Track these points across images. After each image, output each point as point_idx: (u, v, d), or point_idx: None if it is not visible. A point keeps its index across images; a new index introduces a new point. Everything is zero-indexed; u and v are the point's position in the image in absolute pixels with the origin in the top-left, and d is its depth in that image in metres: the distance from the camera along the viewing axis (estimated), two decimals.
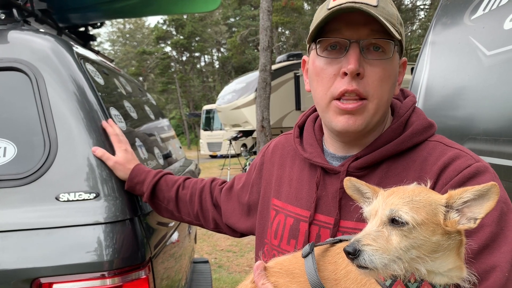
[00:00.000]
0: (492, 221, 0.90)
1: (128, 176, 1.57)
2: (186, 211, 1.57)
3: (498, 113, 2.32)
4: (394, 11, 1.03)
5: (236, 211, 1.45)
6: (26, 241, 1.40)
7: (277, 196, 1.25)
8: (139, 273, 1.48)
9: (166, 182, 1.58)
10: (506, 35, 2.31)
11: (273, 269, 0.96)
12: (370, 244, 0.75)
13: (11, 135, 1.52)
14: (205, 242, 6.82)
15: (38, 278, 1.37)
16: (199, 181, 1.58)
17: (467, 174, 0.95)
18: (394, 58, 1.04)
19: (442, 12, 3.19)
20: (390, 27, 0.96)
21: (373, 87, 1.01)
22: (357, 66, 0.98)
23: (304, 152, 1.20)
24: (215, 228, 1.54)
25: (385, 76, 1.01)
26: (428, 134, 1.07)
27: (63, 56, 1.66)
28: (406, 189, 0.81)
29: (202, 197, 1.53)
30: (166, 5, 2.61)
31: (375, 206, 0.81)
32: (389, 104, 1.09)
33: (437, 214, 0.77)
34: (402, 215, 0.75)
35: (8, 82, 1.57)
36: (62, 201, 1.44)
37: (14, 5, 1.84)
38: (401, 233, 0.75)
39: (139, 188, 1.57)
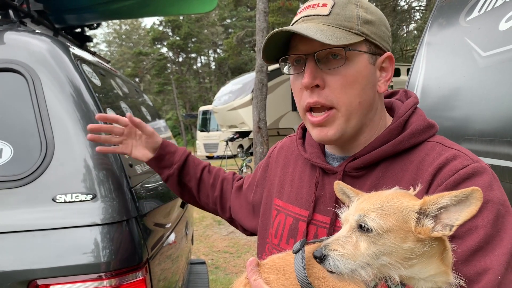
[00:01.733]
0: (487, 222, 0.88)
1: (160, 144, 1.53)
2: (205, 193, 1.56)
3: (493, 113, 2.34)
4: (353, 12, 1.01)
5: (243, 209, 1.47)
6: (23, 242, 1.40)
7: (279, 196, 1.27)
8: (136, 275, 1.48)
9: (194, 160, 1.57)
10: (501, 36, 2.32)
11: (266, 266, 0.98)
12: (337, 249, 0.75)
13: (7, 136, 1.51)
14: (201, 243, 6.81)
15: (34, 280, 1.37)
16: (222, 170, 1.61)
17: (462, 175, 0.93)
18: (357, 61, 1.02)
19: (438, 13, 3.20)
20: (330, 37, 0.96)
21: (336, 95, 1.02)
22: (309, 80, 1.02)
23: (304, 152, 1.21)
24: (230, 218, 1.55)
25: (347, 82, 1.02)
26: (427, 135, 1.06)
27: (59, 57, 1.65)
28: (382, 195, 0.80)
29: (224, 185, 1.55)
30: (163, 6, 2.61)
31: (349, 211, 0.81)
32: (367, 106, 1.06)
33: (408, 220, 0.75)
34: (368, 222, 0.74)
35: (4, 83, 1.57)
36: (59, 202, 1.44)
37: (11, 6, 1.84)
38: (369, 240, 0.75)
39: (169, 158, 1.53)
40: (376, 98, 1.08)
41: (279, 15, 25.91)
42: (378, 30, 1.05)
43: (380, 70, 1.07)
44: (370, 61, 1.04)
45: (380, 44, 1.05)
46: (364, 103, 1.05)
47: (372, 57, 1.05)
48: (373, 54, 1.05)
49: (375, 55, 1.05)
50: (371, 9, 1.05)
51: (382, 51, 1.07)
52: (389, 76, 1.08)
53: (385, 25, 1.07)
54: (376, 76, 1.07)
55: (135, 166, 1.83)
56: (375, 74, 1.06)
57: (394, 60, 1.09)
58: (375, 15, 1.05)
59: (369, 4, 1.06)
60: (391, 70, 1.09)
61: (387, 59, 1.07)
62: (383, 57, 1.07)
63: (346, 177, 1.09)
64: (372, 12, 1.05)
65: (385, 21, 1.08)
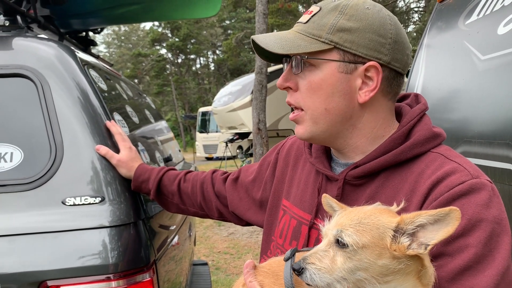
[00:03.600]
0: (478, 242, 0.86)
1: (133, 175, 1.62)
2: (190, 202, 1.62)
3: (492, 116, 2.36)
4: (329, 20, 1.02)
5: (244, 201, 1.48)
6: (33, 244, 1.43)
7: (287, 197, 1.28)
8: (144, 276, 1.51)
9: (169, 177, 1.63)
10: (500, 40, 2.35)
11: (262, 269, 1.00)
12: (314, 263, 0.78)
13: (17, 140, 1.54)
14: (202, 245, 6.83)
15: (45, 281, 1.40)
16: (200, 173, 1.64)
17: (458, 191, 0.90)
18: (323, 69, 1.03)
19: (437, 16, 3.23)
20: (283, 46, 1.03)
21: (302, 99, 1.08)
22: (280, 81, 1.10)
23: (310, 156, 1.21)
24: (219, 217, 1.59)
25: (311, 87, 1.05)
26: (431, 145, 1.03)
27: (67, 63, 1.68)
28: (361, 210, 0.81)
29: (204, 187, 1.58)
30: (167, 11, 2.64)
31: (329, 225, 0.83)
32: (339, 113, 1.05)
33: (384, 237, 0.76)
34: (344, 238, 0.76)
35: (14, 88, 1.60)
36: (68, 205, 1.47)
37: (18, 12, 1.87)
38: (345, 255, 0.76)
39: (145, 187, 1.63)
40: (354, 106, 1.05)
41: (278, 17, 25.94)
42: (359, 38, 1.00)
43: (365, 79, 1.03)
44: (339, 70, 1.02)
45: (358, 53, 1.01)
46: (333, 110, 1.05)
47: (346, 65, 1.02)
48: (350, 62, 1.02)
49: (354, 63, 1.02)
50: (358, 16, 1.01)
51: (365, 60, 1.01)
52: (374, 86, 1.02)
53: (374, 32, 1.01)
54: (353, 84, 1.03)
55: None
56: (350, 82, 1.03)
57: (380, 70, 1.02)
58: (361, 21, 1.01)
59: (360, 11, 1.02)
60: (378, 80, 1.02)
61: (372, 68, 1.02)
62: (365, 66, 1.01)
63: (347, 185, 1.08)
64: (359, 19, 1.01)
65: (377, 28, 1.01)
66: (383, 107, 1.09)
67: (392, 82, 1.06)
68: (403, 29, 1.07)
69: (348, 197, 1.07)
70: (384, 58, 1.02)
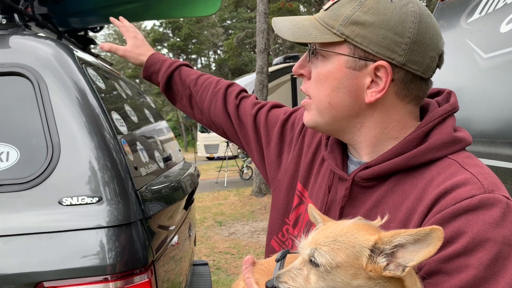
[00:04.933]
0: (479, 264, 0.78)
1: (144, 64, 1.58)
2: (198, 109, 1.55)
3: (494, 115, 2.35)
4: (346, 11, 0.95)
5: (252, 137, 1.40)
6: (29, 245, 1.41)
7: (304, 184, 1.21)
8: (142, 276, 1.49)
9: (180, 75, 1.55)
10: (503, 38, 2.33)
11: (260, 266, 0.98)
12: (287, 282, 0.75)
13: (13, 139, 1.52)
14: (203, 245, 6.82)
15: (41, 282, 1.38)
16: (215, 82, 1.52)
17: (465, 205, 0.82)
18: (332, 61, 0.98)
19: (439, 15, 3.22)
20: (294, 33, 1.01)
21: (311, 88, 1.05)
22: (295, 68, 1.08)
23: (325, 150, 1.15)
24: (222, 134, 1.53)
25: (318, 78, 1.02)
26: (448, 150, 0.94)
27: (64, 61, 1.67)
28: (338, 227, 0.77)
29: (213, 101, 1.48)
30: (166, 10, 2.62)
31: (306, 241, 0.79)
32: (343, 110, 1.00)
33: (360, 257, 0.72)
34: (317, 257, 0.73)
35: (11, 87, 1.58)
36: (65, 205, 1.45)
37: (16, 9, 1.85)
38: (318, 274, 0.73)
39: (155, 78, 1.58)
40: (360, 106, 0.99)
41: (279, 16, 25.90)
42: (371, 34, 0.92)
43: (376, 78, 0.95)
44: (347, 65, 0.96)
45: (370, 50, 0.93)
46: (337, 106, 1.00)
47: (355, 61, 0.95)
48: (359, 58, 0.95)
49: (364, 60, 0.95)
50: (378, 9, 0.93)
51: (376, 58, 0.93)
52: (382, 87, 0.94)
53: (390, 29, 0.92)
54: (361, 82, 0.96)
55: (140, 168, 1.84)
56: (358, 80, 0.96)
57: (390, 72, 0.93)
58: (378, 16, 0.92)
59: (384, 3, 0.93)
60: (386, 81, 0.93)
61: (382, 68, 0.93)
62: (375, 65, 0.93)
63: (355, 186, 1.02)
64: (377, 13, 0.93)
65: (394, 25, 0.92)
66: (398, 109, 0.99)
67: (410, 85, 0.96)
68: (433, 29, 0.96)
69: (355, 199, 1.02)
70: (398, 58, 0.92)
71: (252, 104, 1.43)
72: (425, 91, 1.00)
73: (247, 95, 1.49)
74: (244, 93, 1.50)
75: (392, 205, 0.94)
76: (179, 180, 2.42)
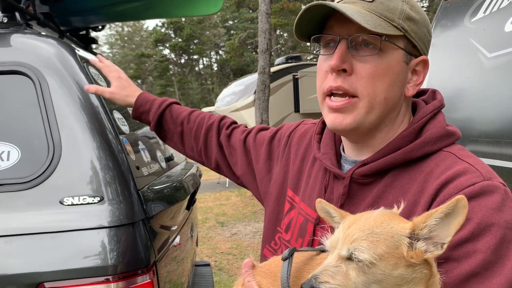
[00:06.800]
0: (487, 248, 0.82)
1: (134, 105, 1.56)
2: (190, 145, 1.55)
3: (499, 115, 2.33)
4: (398, 5, 0.97)
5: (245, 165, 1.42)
6: (31, 245, 1.40)
7: (294, 190, 1.22)
8: (144, 277, 1.48)
9: (171, 113, 1.55)
10: (507, 37, 2.31)
11: (261, 269, 0.97)
12: (328, 281, 0.72)
13: (14, 139, 1.51)
14: (205, 245, 6.81)
15: (42, 283, 1.37)
16: (207, 117, 1.53)
17: (468, 193, 0.85)
18: (391, 55, 0.97)
19: (442, 14, 3.20)
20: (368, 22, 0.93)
21: (362, 84, 0.98)
22: (338, 62, 0.97)
23: (318, 151, 1.16)
24: (216, 168, 1.52)
25: (376, 73, 0.97)
26: (443, 143, 0.99)
27: (66, 60, 1.66)
28: (369, 218, 0.76)
29: (208, 135, 1.49)
30: (168, 8, 2.61)
31: (335, 237, 0.77)
32: (391, 104, 1.01)
33: (400, 246, 0.72)
34: (358, 254, 0.71)
35: (12, 85, 1.57)
36: (66, 205, 1.44)
37: (17, 8, 1.84)
38: (358, 268, 0.72)
39: (145, 118, 1.57)
40: (402, 99, 1.03)
41: (282, 17, 25.95)
42: (419, 30, 0.99)
43: (412, 73, 1.02)
44: (404, 59, 0.99)
45: (418, 45, 1.00)
46: (389, 100, 1.00)
47: (407, 56, 1.00)
48: (409, 53, 1.00)
49: (411, 55, 1.00)
50: (417, 7, 1.01)
51: (419, 53, 1.01)
52: (420, 81, 1.02)
53: (427, 28, 1.02)
54: (407, 77, 1.02)
55: (142, 168, 1.83)
56: (406, 74, 1.01)
57: (428, 66, 1.03)
58: (419, 14, 1.00)
59: (416, 3, 1.02)
60: (424, 75, 1.03)
61: (421, 63, 1.02)
62: (418, 59, 1.01)
63: (353, 183, 1.03)
64: (417, 11, 1.00)
65: (428, 24, 1.02)
66: (410, 103, 1.08)
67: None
68: None
69: (354, 196, 1.03)
70: (426, 53, 1.04)
71: (241, 131, 1.47)
72: None
73: (237, 125, 1.53)
74: (235, 124, 1.53)
75: (392, 200, 0.96)
76: (181, 180, 2.41)
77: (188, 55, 45.03)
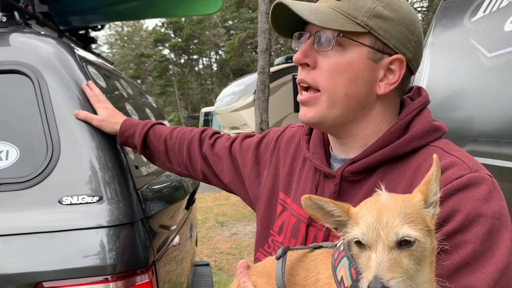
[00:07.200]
0: (476, 238, 0.84)
1: (119, 131, 1.59)
2: (176, 161, 1.59)
3: (499, 114, 2.33)
4: (366, 3, 0.98)
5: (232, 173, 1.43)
6: (29, 245, 1.39)
7: (286, 192, 1.23)
8: (143, 277, 1.47)
9: (155, 133, 1.60)
10: (507, 37, 2.31)
11: (255, 269, 0.98)
12: (394, 276, 0.70)
13: (13, 138, 1.51)
14: (204, 245, 6.80)
15: (41, 282, 1.36)
16: (188, 131, 1.57)
17: (455, 185, 0.88)
18: (352, 51, 0.99)
19: (442, 14, 3.20)
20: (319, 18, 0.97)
21: (322, 79, 1.02)
22: (299, 56, 1.03)
23: (307, 151, 1.17)
24: (203, 179, 1.55)
25: (336, 68, 1.00)
26: (430, 138, 1.01)
27: (65, 59, 1.65)
28: (390, 204, 0.76)
29: (191, 148, 1.52)
30: (167, 8, 2.61)
31: (371, 230, 0.74)
32: (355, 101, 1.02)
33: (425, 218, 0.76)
34: (411, 234, 0.71)
35: (10, 85, 1.57)
36: (65, 204, 1.43)
37: (16, 7, 1.84)
38: (407, 254, 0.72)
39: (131, 142, 1.61)
40: (372, 97, 1.03)
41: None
42: (392, 28, 0.99)
43: (387, 71, 1.02)
44: (369, 56, 1.00)
45: (389, 43, 0.99)
46: (352, 96, 1.02)
47: (375, 53, 1.00)
48: (379, 51, 1.00)
49: (382, 52, 1.00)
50: (394, 6, 1.00)
51: (393, 52, 1.01)
52: (395, 80, 1.02)
53: (407, 27, 1.01)
54: (377, 74, 1.02)
55: (141, 167, 1.83)
56: (375, 72, 1.01)
57: (405, 65, 1.02)
58: (396, 13, 1.00)
59: (396, 2, 1.01)
60: (400, 74, 1.01)
61: (396, 62, 1.01)
62: (392, 58, 1.01)
63: (344, 181, 1.05)
64: (394, 10, 1.00)
65: (409, 23, 1.01)
66: (393, 102, 1.08)
67: (406, 80, 1.05)
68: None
69: (345, 194, 1.04)
70: (408, 54, 1.02)
71: (226, 139, 1.49)
72: (408, 86, 1.10)
73: (221, 134, 1.54)
74: (218, 134, 1.55)
75: None
76: (180, 179, 2.41)
77: (188, 55, 45.04)
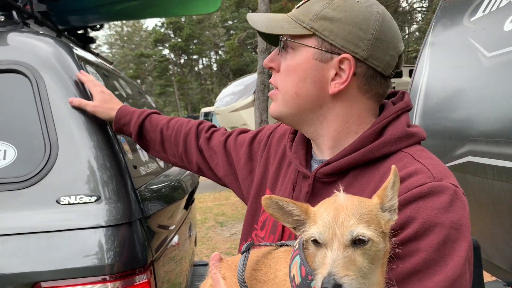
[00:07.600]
0: (429, 247, 0.84)
1: (114, 117, 1.59)
2: (171, 152, 1.59)
3: (498, 114, 2.32)
4: (315, 8, 1.03)
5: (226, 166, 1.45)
6: (27, 244, 1.39)
7: (272, 189, 1.26)
8: (141, 277, 1.47)
9: (151, 122, 1.60)
10: (506, 37, 2.31)
11: (227, 262, 1.02)
12: (347, 273, 0.71)
13: (11, 138, 1.50)
14: (204, 245, 6.80)
15: (38, 282, 1.36)
16: (185, 122, 1.58)
17: (415, 193, 0.88)
18: (299, 53, 1.05)
19: (442, 13, 3.19)
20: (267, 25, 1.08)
21: (279, 80, 1.11)
22: (266, 61, 1.14)
23: (290, 150, 1.20)
24: (198, 171, 1.56)
25: (287, 69, 1.08)
26: (402, 144, 1.00)
27: (63, 58, 1.65)
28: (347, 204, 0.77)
29: (187, 140, 1.53)
30: (166, 7, 2.60)
31: (327, 229, 0.75)
32: (306, 100, 1.06)
33: (380, 220, 0.77)
34: (365, 233, 0.73)
35: (8, 84, 1.56)
36: (63, 204, 1.43)
37: (14, 7, 1.83)
38: (360, 252, 0.73)
39: (127, 129, 1.61)
40: (325, 96, 1.05)
41: None
42: (337, 29, 1.00)
43: (339, 70, 1.03)
44: (315, 57, 1.03)
45: (335, 43, 1.00)
46: (303, 96, 1.07)
47: (322, 53, 1.02)
48: (325, 51, 1.02)
49: (330, 53, 1.02)
50: (345, 7, 1.01)
51: (341, 51, 1.01)
52: (345, 79, 1.02)
53: (355, 25, 1.00)
54: (326, 74, 1.03)
55: (139, 167, 1.82)
56: (323, 72, 1.04)
57: (353, 64, 1.00)
58: (345, 13, 1.00)
59: (351, 3, 1.01)
60: (348, 74, 1.01)
61: (346, 61, 1.01)
62: (340, 57, 1.01)
63: (317, 182, 1.07)
64: (344, 10, 1.00)
65: (359, 21, 1.00)
66: (359, 104, 1.07)
67: (371, 81, 1.04)
68: (394, 30, 1.04)
69: (318, 195, 1.05)
70: (361, 53, 1.01)
71: (222, 133, 1.52)
72: (385, 89, 1.08)
73: (217, 128, 1.57)
74: (214, 127, 1.57)
75: None
76: (179, 179, 2.41)
77: (188, 55, 45.05)
